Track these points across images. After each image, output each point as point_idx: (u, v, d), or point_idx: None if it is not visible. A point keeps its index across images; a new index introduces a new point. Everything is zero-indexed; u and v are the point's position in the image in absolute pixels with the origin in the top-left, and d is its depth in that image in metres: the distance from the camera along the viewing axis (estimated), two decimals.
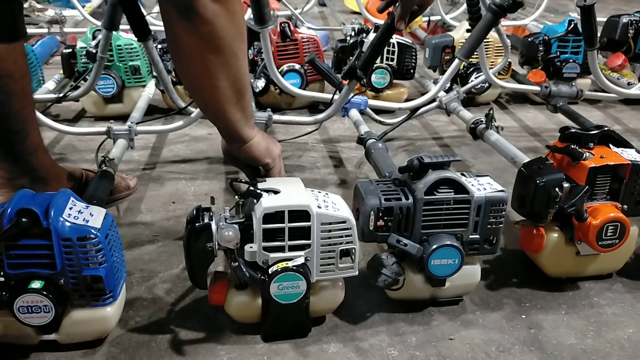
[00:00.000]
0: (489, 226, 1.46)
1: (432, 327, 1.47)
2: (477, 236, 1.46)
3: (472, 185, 1.45)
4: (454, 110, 2.44)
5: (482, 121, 2.22)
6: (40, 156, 1.65)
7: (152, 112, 2.75)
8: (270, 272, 1.31)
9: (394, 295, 1.52)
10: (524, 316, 1.51)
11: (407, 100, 2.81)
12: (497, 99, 3.10)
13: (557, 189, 1.50)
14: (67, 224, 1.25)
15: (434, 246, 1.41)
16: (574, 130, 1.60)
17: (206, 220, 1.31)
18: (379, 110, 2.47)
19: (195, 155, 2.42)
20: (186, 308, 1.50)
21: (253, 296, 1.37)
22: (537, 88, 2.57)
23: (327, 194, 1.41)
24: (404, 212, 1.41)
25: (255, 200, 1.32)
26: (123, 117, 2.34)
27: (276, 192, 1.34)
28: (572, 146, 1.55)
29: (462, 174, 1.50)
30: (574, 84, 2.70)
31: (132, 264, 1.65)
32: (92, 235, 1.25)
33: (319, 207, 1.32)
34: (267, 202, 1.29)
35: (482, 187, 1.46)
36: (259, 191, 1.32)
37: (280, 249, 1.32)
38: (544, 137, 2.66)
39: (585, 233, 1.52)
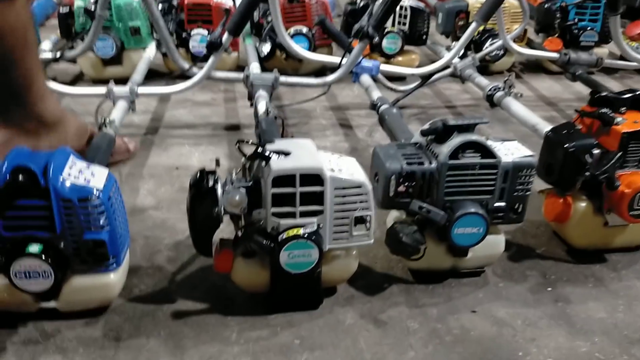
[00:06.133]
0: (515, 193, 1.37)
1: (453, 299, 1.39)
2: (503, 204, 1.37)
3: (499, 149, 1.36)
4: (469, 78, 2.34)
5: (499, 88, 2.12)
6: (47, 102, 1.65)
7: (153, 76, 2.65)
8: (280, 240, 1.22)
9: (412, 265, 1.44)
10: (549, 289, 1.44)
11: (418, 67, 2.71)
12: (511, 68, 2.99)
13: (587, 156, 1.41)
14: (67, 183, 1.16)
15: (458, 214, 1.32)
16: (604, 94, 1.51)
17: (211, 184, 1.22)
18: (388, 78, 2.36)
19: (199, 121, 2.32)
20: (193, 276, 1.42)
21: (261, 264, 1.29)
22: (555, 55, 2.47)
23: (340, 156, 1.32)
24: (426, 177, 1.32)
25: (263, 163, 1.22)
26: (122, 81, 2.23)
27: (286, 154, 1.24)
28: (603, 110, 1.46)
29: (487, 139, 1.40)
30: (592, 52, 2.59)
31: (135, 231, 1.56)
32: (94, 196, 1.16)
33: (332, 171, 1.23)
34: (277, 165, 1.20)
35: (510, 151, 1.37)
36: (267, 153, 1.23)
37: (291, 215, 1.23)
38: (561, 106, 2.56)
39: (616, 202, 1.44)
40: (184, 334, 1.24)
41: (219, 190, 1.21)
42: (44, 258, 1.16)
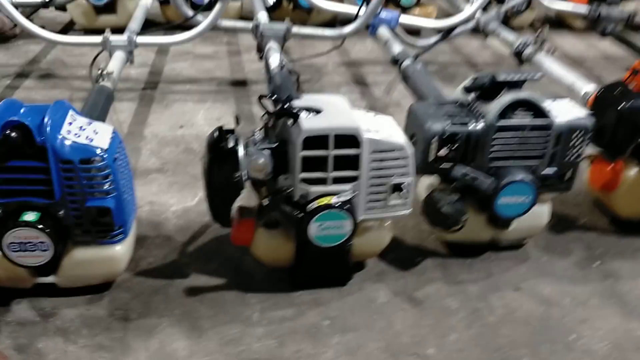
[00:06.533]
0: (567, 158, 1.23)
1: (494, 275, 1.26)
2: (553, 170, 1.24)
3: (552, 109, 1.21)
4: (493, 32, 2.17)
5: (530, 43, 1.95)
6: None
7: (148, 26, 2.43)
8: (309, 210, 1.08)
9: (448, 237, 1.30)
10: (598, 262, 1.31)
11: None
12: (532, 24, 2.81)
13: None
14: (67, 142, 1.00)
15: (505, 181, 1.18)
16: None
17: (231, 145, 1.06)
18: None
19: (202, 75, 2.15)
20: (206, 248, 1.28)
21: (286, 236, 1.14)
22: (584, 10, 2.30)
23: (376, 114, 1.17)
24: (472, 139, 1.17)
25: (291, 121, 1.07)
26: (117, 31, 2.05)
27: (317, 111, 1.09)
28: None
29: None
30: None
31: (139, 196, 1.40)
32: (98, 158, 1.01)
33: (369, 131, 1.08)
34: (308, 124, 1.05)
35: (563, 111, 1.22)
36: (296, 110, 1.07)
37: (322, 181, 1.08)
38: (587, 66, 2.40)
39: None
40: (200, 314, 1.11)
41: (241, 153, 1.06)
42: (41, 228, 1.01)
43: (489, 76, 1.18)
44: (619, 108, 1.29)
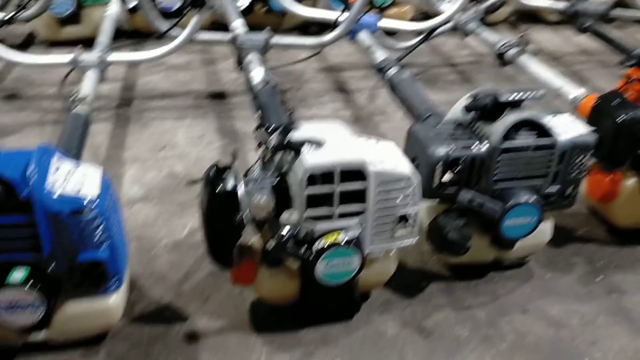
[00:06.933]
0: (570, 176, 1.21)
1: (500, 297, 1.24)
2: (556, 188, 1.21)
3: (554, 126, 1.18)
4: (473, 32, 2.14)
5: (512, 44, 1.93)
6: None
7: (116, 36, 2.33)
8: (316, 250, 1.02)
9: (452, 260, 1.27)
10: (599, 278, 1.30)
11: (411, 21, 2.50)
12: (507, 18, 2.79)
13: None
14: (55, 193, 0.92)
15: (511, 204, 1.15)
16: None
17: (231, 184, 1.00)
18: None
19: (177, 88, 2.06)
20: (203, 285, 1.22)
21: (289, 273, 1.09)
22: (561, 5, 2.28)
23: (378, 140, 1.12)
24: (476, 162, 1.14)
25: (293, 154, 1.01)
26: (83, 43, 1.94)
27: (319, 143, 1.03)
28: None
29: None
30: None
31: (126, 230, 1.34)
32: (89, 208, 0.94)
33: (375, 163, 1.03)
34: (312, 160, 0.99)
35: (565, 128, 1.19)
36: (297, 143, 1.01)
37: (328, 216, 1.03)
38: (565, 61, 2.40)
39: None
40: None
41: (241, 192, 1.00)
42: (29, 287, 0.93)
43: (490, 96, 1.15)
44: (617, 120, 1.27)
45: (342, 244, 1.02)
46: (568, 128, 1.19)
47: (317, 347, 1.10)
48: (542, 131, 1.16)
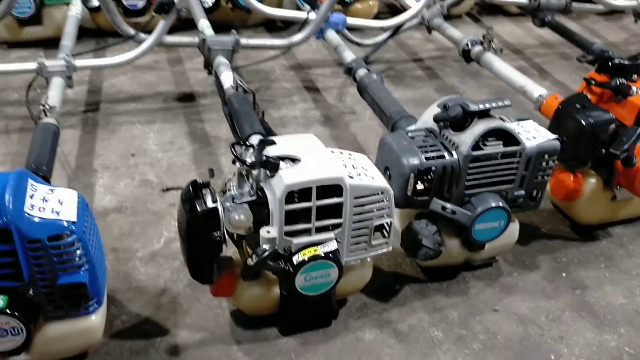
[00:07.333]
0: (536, 180, 1.25)
1: (471, 297, 1.28)
2: (522, 192, 1.26)
3: (520, 133, 1.22)
4: (438, 28, 2.17)
5: (477, 42, 1.97)
6: None
7: (79, 35, 2.29)
8: (295, 264, 1.04)
9: (425, 263, 1.31)
10: (564, 274, 1.36)
11: (377, 16, 2.52)
12: (469, 11, 2.83)
13: (605, 132, 1.31)
14: (33, 219, 0.92)
15: (480, 209, 1.19)
16: (617, 61, 1.40)
17: (210, 203, 1.01)
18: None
19: (145, 90, 2.03)
20: (181, 297, 1.23)
21: (268, 285, 1.12)
22: (524, 0, 2.32)
23: (350, 154, 1.15)
24: (447, 171, 1.17)
25: (268, 172, 1.03)
26: (44, 43, 1.91)
27: (294, 159, 1.05)
28: (620, 80, 1.36)
29: (500, 119, 1.26)
30: None
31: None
32: (68, 232, 0.94)
33: (351, 177, 1.05)
34: (289, 177, 1.01)
35: (531, 135, 1.24)
36: (273, 160, 1.02)
37: (306, 231, 1.06)
38: (527, 54, 2.45)
39: (632, 179, 1.35)
40: None
41: (221, 210, 1.01)
42: (10, 313, 0.93)
43: (458, 107, 1.18)
44: (581, 123, 1.31)
45: (322, 257, 1.05)
46: (533, 134, 1.24)
47: (297, 355, 1.12)
48: (509, 138, 1.20)
